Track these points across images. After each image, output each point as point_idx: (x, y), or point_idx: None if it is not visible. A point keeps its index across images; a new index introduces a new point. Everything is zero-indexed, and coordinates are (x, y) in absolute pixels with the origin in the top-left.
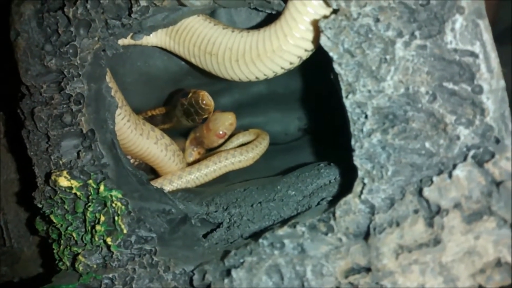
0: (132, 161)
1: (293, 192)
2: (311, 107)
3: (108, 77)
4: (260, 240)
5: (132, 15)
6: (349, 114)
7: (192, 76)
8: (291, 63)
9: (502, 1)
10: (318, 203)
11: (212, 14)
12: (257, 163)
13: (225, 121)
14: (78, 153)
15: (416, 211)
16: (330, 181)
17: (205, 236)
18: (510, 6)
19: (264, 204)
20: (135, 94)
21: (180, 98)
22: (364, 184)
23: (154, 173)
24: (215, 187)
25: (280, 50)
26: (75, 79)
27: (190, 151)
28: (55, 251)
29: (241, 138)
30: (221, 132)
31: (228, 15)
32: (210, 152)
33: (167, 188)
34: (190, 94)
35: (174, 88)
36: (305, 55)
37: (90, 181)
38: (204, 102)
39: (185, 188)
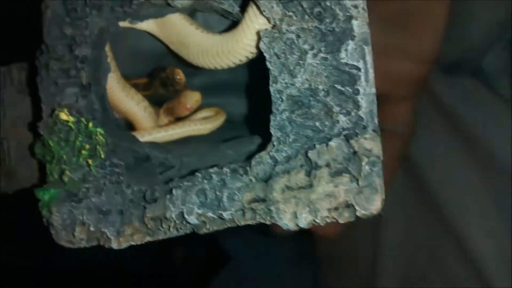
0: (117, 116)
1: (230, 152)
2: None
3: (107, 48)
4: (196, 173)
5: (132, 6)
6: (272, 98)
7: (172, 57)
8: (240, 60)
9: (448, 37)
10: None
11: (192, 15)
12: (212, 133)
13: (193, 98)
14: (76, 99)
15: (301, 166)
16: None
17: (161, 173)
18: (455, 42)
19: (207, 157)
20: (125, 66)
21: (160, 72)
22: (274, 146)
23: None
24: (176, 144)
25: (233, 51)
26: (82, 45)
27: (163, 118)
28: (47, 168)
29: (203, 113)
30: (188, 106)
31: (203, 18)
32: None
33: (140, 139)
34: (168, 70)
35: (156, 64)
36: (251, 56)
37: (83, 119)
38: (178, 77)
39: (153, 142)
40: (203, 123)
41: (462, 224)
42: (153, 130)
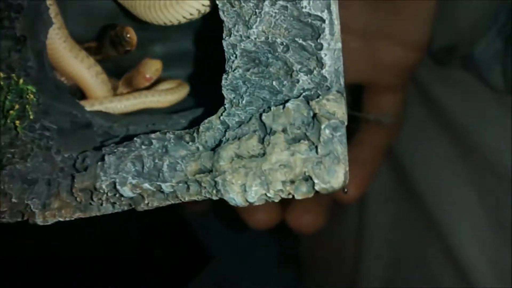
0: (66, 82)
1: (183, 121)
2: None
3: (52, 1)
4: (135, 138)
5: None
6: (226, 54)
7: (127, 18)
8: (191, 14)
9: (438, 22)
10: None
11: None
12: (173, 107)
13: (152, 67)
14: (9, 53)
15: (254, 131)
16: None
17: (102, 142)
18: (446, 27)
19: (157, 125)
20: (73, 23)
21: (109, 30)
22: (225, 109)
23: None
24: (128, 114)
25: (182, 1)
26: None
27: (121, 90)
28: None
29: (165, 85)
30: (148, 76)
31: None
32: None
33: (88, 109)
34: (118, 28)
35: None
36: (203, 9)
37: (13, 75)
38: (128, 35)
39: (103, 111)
40: (163, 95)
41: (447, 221)
42: (104, 99)
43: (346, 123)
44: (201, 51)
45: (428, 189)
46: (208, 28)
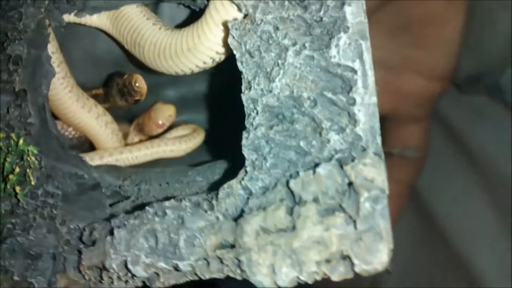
0: (73, 133)
1: (200, 179)
2: None
3: (55, 48)
4: (147, 208)
5: None
6: (245, 109)
7: (136, 63)
8: (204, 63)
9: (465, 50)
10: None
11: (155, 8)
12: (189, 156)
13: (165, 112)
14: (8, 109)
15: (281, 200)
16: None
17: (111, 205)
18: (472, 55)
19: (171, 184)
20: (78, 70)
21: (116, 78)
22: (247, 172)
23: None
24: (138, 167)
25: (194, 49)
26: (16, 42)
27: (132, 136)
28: None
29: (179, 131)
30: (160, 122)
31: (170, 9)
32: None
33: (97, 162)
34: (126, 76)
35: (115, 70)
36: (217, 57)
37: (13, 134)
38: (137, 84)
39: (111, 165)
40: (177, 143)
41: (470, 253)
42: (114, 151)
43: (387, 192)
44: (216, 94)
45: (451, 224)
46: (224, 69)
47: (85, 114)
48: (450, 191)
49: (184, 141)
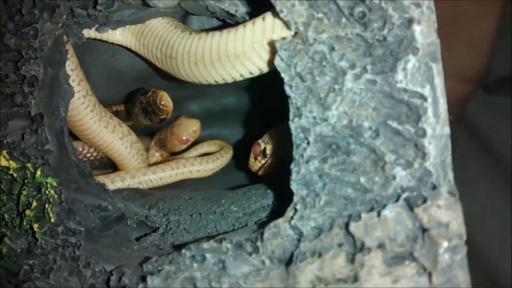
0: (95, 154)
1: (235, 208)
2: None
3: (74, 65)
4: (183, 251)
5: (97, 6)
6: (293, 137)
7: (159, 77)
8: (250, 73)
9: (496, 53)
10: (255, 223)
11: (184, 21)
12: (216, 175)
13: (189, 128)
14: (23, 135)
15: (340, 245)
16: (273, 203)
17: (138, 239)
18: (503, 58)
19: (203, 215)
20: (98, 87)
21: (139, 96)
22: (296, 210)
23: (115, 168)
24: (164, 191)
25: (243, 56)
26: (31, 61)
27: (154, 152)
28: None
29: (205, 148)
30: (184, 138)
31: (199, 22)
32: (173, 156)
33: (118, 185)
34: (149, 93)
35: (138, 86)
36: (265, 69)
37: (29, 165)
38: (162, 102)
39: (134, 188)
40: (203, 163)
41: (493, 256)
42: (137, 172)
43: (465, 238)
44: (243, 107)
45: (479, 229)
46: (252, 80)
47: (109, 134)
48: (476, 193)
49: (211, 160)
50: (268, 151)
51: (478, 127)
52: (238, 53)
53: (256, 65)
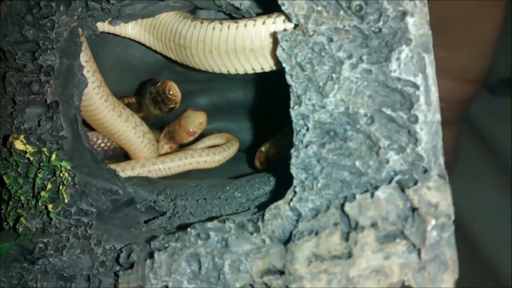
0: (108, 144)
1: (239, 195)
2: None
3: (88, 57)
4: (189, 229)
5: (110, 0)
6: (294, 124)
7: (169, 70)
8: (262, 68)
9: (499, 53)
10: (257, 207)
11: (192, 15)
12: (222, 166)
13: (196, 120)
14: (39, 122)
15: (335, 224)
16: (275, 188)
17: (147, 222)
18: (506, 59)
19: (208, 200)
20: (111, 79)
21: (149, 86)
22: (295, 193)
23: (128, 158)
24: (172, 180)
25: (259, 52)
26: (48, 51)
27: (163, 144)
28: (3, 211)
29: (212, 140)
30: (191, 130)
31: (207, 16)
32: (181, 148)
33: (128, 173)
34: (159, 84)
35: (148, 78)
36: (275, 67)
37: (44, 149)
38: (171, 92)
39: (144, 176)
40: (210, 154)
41: (497, 256)
42: (146, 161)
43: (453, 217)
44: (250, 101)
45: (482, 229)
46: (256, 75)
47: (122, 123)
48: (479, 193)
49: (218, 152)
50: (270, 157)
51: (481, 127)
52: (254, 48)
53: (269, 62)
